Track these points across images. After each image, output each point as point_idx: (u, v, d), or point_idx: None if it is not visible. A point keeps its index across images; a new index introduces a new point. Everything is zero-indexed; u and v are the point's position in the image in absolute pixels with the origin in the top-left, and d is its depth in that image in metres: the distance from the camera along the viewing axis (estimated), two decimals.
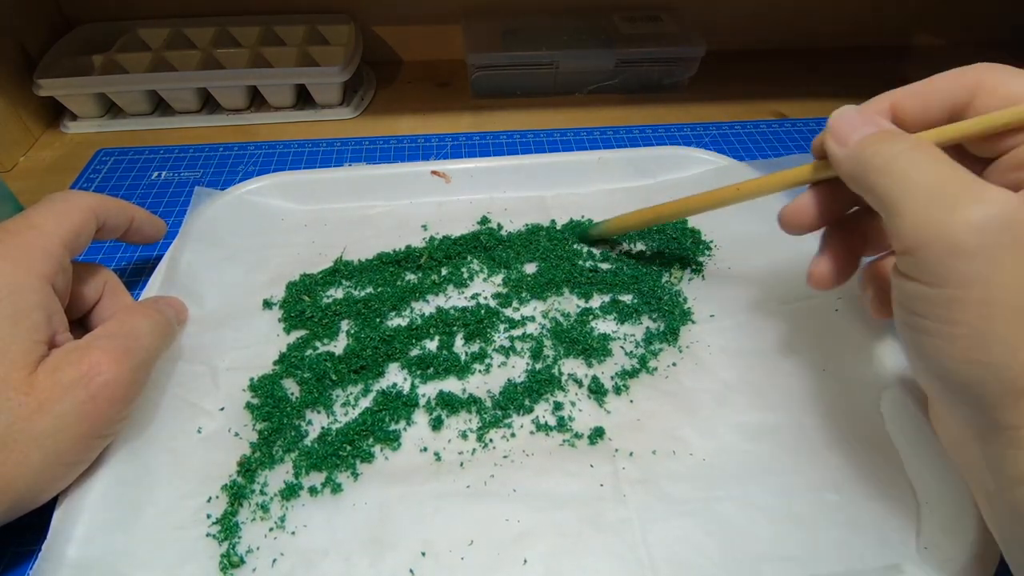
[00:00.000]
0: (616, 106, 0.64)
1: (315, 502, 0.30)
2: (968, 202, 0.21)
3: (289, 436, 0.33)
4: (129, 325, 0.31)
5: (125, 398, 0.29)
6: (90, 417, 0.27)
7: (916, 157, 0.23)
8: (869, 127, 0.26)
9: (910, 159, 0.23)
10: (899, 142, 0.24)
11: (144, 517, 0.29)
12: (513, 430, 0.33)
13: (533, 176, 0.48)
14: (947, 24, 0.73)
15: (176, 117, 0.60)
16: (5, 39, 0.54)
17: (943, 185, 0.22)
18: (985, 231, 0.20)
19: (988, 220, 0.20)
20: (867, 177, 0.24)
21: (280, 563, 0.28)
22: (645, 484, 0.31)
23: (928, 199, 0.22)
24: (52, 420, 0.26)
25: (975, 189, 0.21)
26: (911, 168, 0.23)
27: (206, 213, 0.44)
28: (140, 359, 0.30)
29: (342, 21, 0.64)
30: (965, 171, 0.22)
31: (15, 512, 0.27)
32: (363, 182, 0.48)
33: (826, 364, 0.36)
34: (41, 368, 0.27)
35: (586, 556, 0.28)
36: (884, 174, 0.24)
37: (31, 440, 0.26)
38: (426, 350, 0.37)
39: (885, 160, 0.24)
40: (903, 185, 0.23)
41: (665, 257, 0.43)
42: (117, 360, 0.28)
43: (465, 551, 0.28)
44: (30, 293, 0.28)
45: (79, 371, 0.27)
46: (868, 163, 0.24)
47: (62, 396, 0.27)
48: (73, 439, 0.27)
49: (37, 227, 0.31)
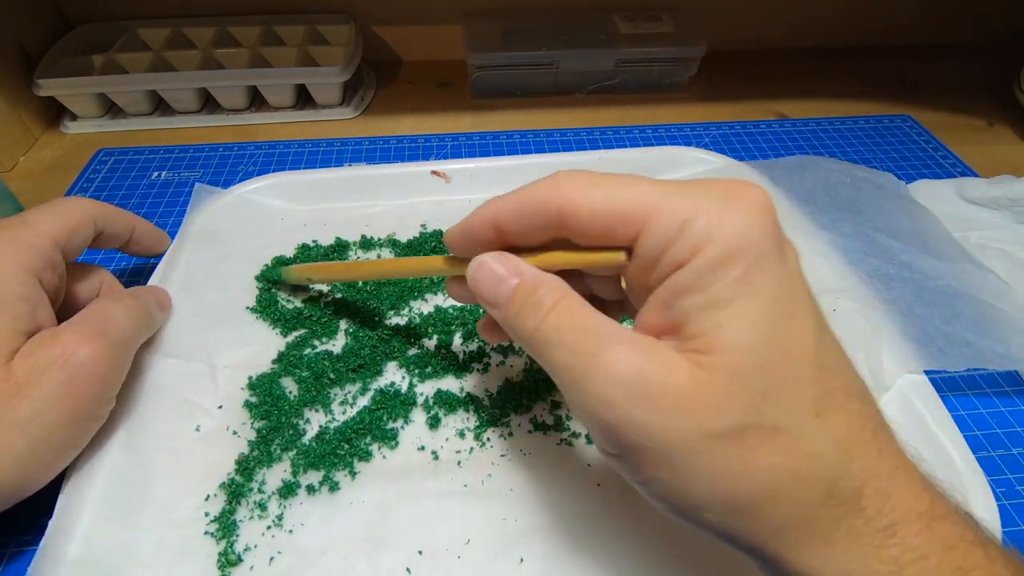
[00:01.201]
0: (616, 106, 0.64)
1: (313, 501, 0.30)
2: (593, 378, 0.20)
3: (287, 435, 0.33)
4: (101, 309, 0.31)
5: (104, 378, 0.29)
6: (71, 398, 0.27)
7: (550, 330, 0.22)
8: (510, 279, 0.23)
9: (549, 329, 0.22)
10: (537, 309, 0.22)
11: (143, 515, 0.29)
12: (511, 429, 0.33)
13: (533, 176, 0.47)
14: (947, 24, 0.73)
15: (176, 117, 0.60)
16: (5, 39, 0.55)
17: (573, 360, 0.21)
18: (613, 402, 0.19)
19: (611, 391, 0.19)
20: (529, 352, 0.23)
21: (278, 561, 0.28)
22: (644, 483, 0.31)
23: (568, 382, 0.21)
24: (32, 404, 0.26)
25: (598, 358, 0.20)
26: (548, 346, 0.22)
27: (206, 212, 0.44)
28: (115, 340, 0.30)
29: (342, 21, 0.64)
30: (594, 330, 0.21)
31: (6, 501, 0.27)
32: (363, 182, 0.48)
33: None
34: (17, 355, 0.27)
35: (583, 555, 0.28)
36: (536, 352, 0.22)
37: (13, 426, 0.26)
38: (424, 349, 0.37)
39: (530, 336, 0.22)
40: (549, 366, 0.22)
41: None
42: (90, 340, 0.29)
43: (462, 550, 0.28)
44: (14, 284, 0.28)
45: (53, 353, 0.27)
46: (520, 337, 0.23)
47: (40, 379, 0.27)
48: (56, 422, 0.27)
49: (30, 224, 0.31)
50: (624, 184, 0.21)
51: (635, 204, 0.21)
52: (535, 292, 0.23)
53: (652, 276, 0.21)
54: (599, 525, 0.29)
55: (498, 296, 0.24)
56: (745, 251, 0.19)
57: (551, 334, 0.21)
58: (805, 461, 0.19)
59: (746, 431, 0.19)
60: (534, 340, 0.22)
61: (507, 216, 0.24)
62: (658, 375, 0.19)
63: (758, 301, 0.19)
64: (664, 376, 0.19)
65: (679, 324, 0.20)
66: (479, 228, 0.25)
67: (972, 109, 0.63)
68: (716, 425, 0.19)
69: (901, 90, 0.67)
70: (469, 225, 0.25)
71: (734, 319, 0.19)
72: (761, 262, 0.19)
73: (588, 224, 0.22)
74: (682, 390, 0.19)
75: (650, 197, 0.21)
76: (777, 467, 0.19)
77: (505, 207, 0.24)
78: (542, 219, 0.23)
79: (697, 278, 0.20)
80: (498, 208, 0.24)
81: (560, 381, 0.22)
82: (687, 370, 0.19)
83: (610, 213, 0.21)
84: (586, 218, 0.22)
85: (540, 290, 0.23)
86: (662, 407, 0.19)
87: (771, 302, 0.19)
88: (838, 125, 0.60)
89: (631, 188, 0.21)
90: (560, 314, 0.22)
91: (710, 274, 0.19)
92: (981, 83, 0.67)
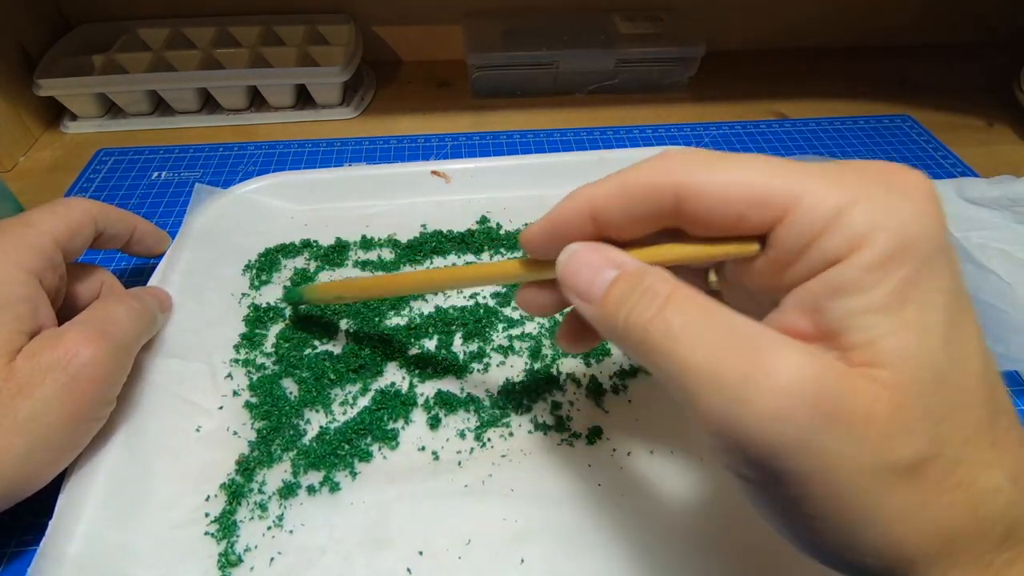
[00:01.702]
0: (616, 106, 0.63)
1: (313, 501, 0.30)
2: (759, 388, 0.16)
3: (287, 435, 0.33)
4: (104, 310, 0.31)
5: (106, 379, 0.29)
6: (72, 399, 0.27)
7: (675, 324, 0.18)
8: (607, 270, 0.20)
9: (670, 328, 0.18)
10: (650, 299, 0.19)
11: (143, 515, 0.29)
12: (511, 429, 0.33)
13: (533, 176, 0.48)
14: (947, 24, 0.73)
15: (176, 117, 0.60)
16: (5, 39, 0.54)
17: (721, 363, 0.17)
18: (790, 421, 0.16)
19: (788, 407, 0.16)
20: (634, 352, 0.19)
21: (278, 562, 0.28)
22: (643, 484, 0.31)
23: (712, 388, 0.17)
24: (34, 404, 0.26)
25: (761, 363, 0.16)
26: (678, 342, 0.17)
27: (206, 212, 0.44)
28: (118, 342, 0.30)
29: (342, 21, 0.64)
30: (741, 328, 0.17)
31: (7, 500, 0.27)
32: (363, 182, 0.48)
33: None
34: (19, 356, 0.27)
35: (584, 556, 0.28)
36: (649, 350, 0.18)
37: (14, 426, 0.26)
38: (425, 349, 0.37)
39: (641, 332, 0.18)
40: (674, 368, 0.17)
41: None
42: (93, 341, 0.28)
43: (463, 550, 0.28)
44: (16, 285, 0.28)
45: (56, 354, 0.27)
46: (626, 335, 0.19)
47: (42, 380, 0.27)
48: (57, 423, 0.27)
49: (31, 224, 0.31)
50: (752, 164, 0.18)
51: (773, 188, 0.18)
52: (642, 281, 0.19)
53: (791, 272, 0.18)
54: (600, 526, 0.29)
55: (592, 288, 0.20)
56: (915, 248, 0.16)
57: (678, 330, 0.18)
58: (984, 498, 0.17)
59: (927, 464, 0.16)
60: (647, 338, 0.18)
61: (608, 203, 0.21)
62: (845, 391, 0.16)
63: (931, 308, 0.17)
64: (850, 393, 0.16)
65: (835, 330, 0.17)
66: (571, 218, 0.22)
67: (972, 109, 0.63)
68: (900, 456, 0.16)
69: (901, 90, 0.67)
70: (558, 216, 0.22)
71: (907, 328, 0.16)
72: (932, 262, 0.17)
73: (714, 211, 0.19)
74: (867, 412, 0.16)
75: (792, 180, 0.18)
76: (957, 505, 0.16)
77: (605, 192, 0.21)
78: (653, 205, 0.20)
79: (860, 277, 0.17)
80: (596, 194, 0.21)
81: (689, 387, 0.17)
82: (868, 388, 0.16)
83: (742, 198, 0.18)
84: (712, 204, 0.18)
85: (647, 279, 0.19)
86: (849, 431, 0.16)
87: (943, 310, 0.17)
88: (838, 125, 0.60)
89: (764, 169, 0.18)
90: (685, 306, 0.18)
91: (876, 272, 0.16)
92: (981, 83, 0.67)
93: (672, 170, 0.19)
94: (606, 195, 0.21)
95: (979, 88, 0.66)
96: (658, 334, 0.18)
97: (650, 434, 0.33)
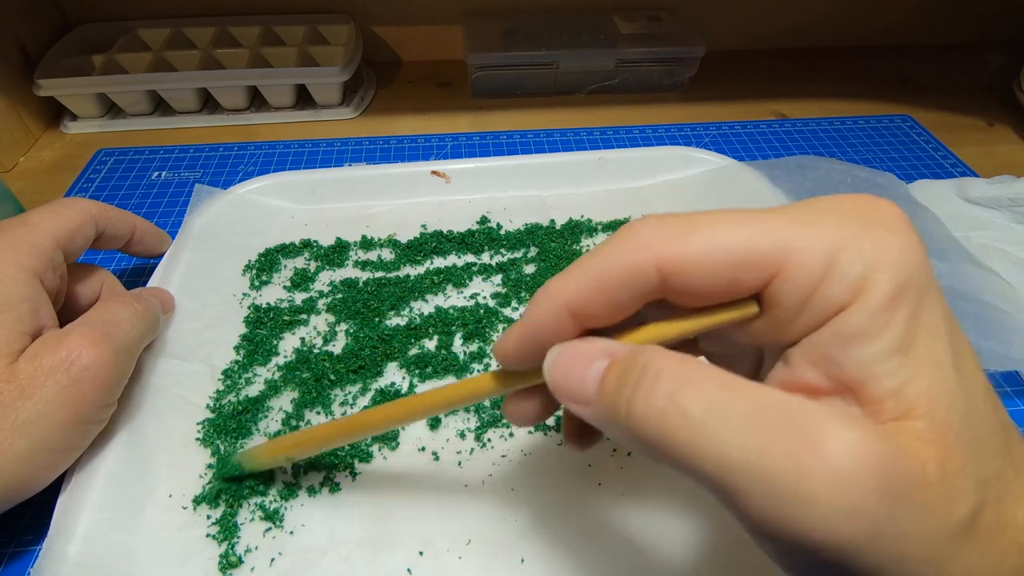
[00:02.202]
0: (616, 106, 0.63)
1: (313, 502, 0.30)
2: (820, 481, 0.14)
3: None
4: (107, 312, 0.31)
5: (108, 382, 0.29)
6: (74, 402, 0.27)
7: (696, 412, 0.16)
8: (598, 362, 0.18)
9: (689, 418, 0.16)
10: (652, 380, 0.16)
11: (143, 516, 0.29)
12: (512, 430, 0.33)
13: (533, 176, 0.48)
14: (947, 24, 0.73)
15: (176, 117, 0.60)
16: (5, 39, 0.54)
17: (766, 456, 0.15)
18: (863, 514, 0.14)
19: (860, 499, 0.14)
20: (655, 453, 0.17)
21: (278, 563, 0.28)
22: (643, 485, 0.31)
23: (762, 487, 0.15)
24: (35, 406, 0.26)
25: (813, 448, 0.15)
26: (702, 436, 0.15)
27: (206, 212, 0.44)
28: (120, 344, 0.30)
29: (342, 21, 0.64)
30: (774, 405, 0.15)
31: (6, 502, 0.27)
32: (363, 182, 0.48)
33: None
34: (22, 357, 0.27)
35: (584, 555, 0.28)
36: (670, 448, 0.16)
37: (15, 428, 0.26)
38: (425, 350, 0.37)
39: (655, 424, 0.16)
40: (709, 467, 0.15)
41: None
42: (95, 344, 0.28)
43: (463, 550, 0.28)
44: (17, 286, 0.28)
45: (58, 356, 0.27)
46: (635, 430, 0.17)
47: (44, 382, 0.27)
48: (58, 425, 0.27)
49: (31, 225, 0.31)
50: (730, 222, 0.17)
51: (760, 246, 0.17)
52: (635, 361, 0.17)
53: (794, 327, 0.17)
54: (600, 526, 0.29)
55: (585, 386, 0.18)
56: (912, 283, 0.16)
57: (700, 420, 0.15)
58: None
59: (980, 514, 0.15)
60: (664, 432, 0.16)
61: (585, 297, 0.19)
62: (900, 462, 0.15)
63: (937, 340, 0.16)
64: (904, 462, 0.15)
65: (855, 381, 0.16)
66: (548, 322, 0.19)
67: (972, 109, 0.63)
68: (960, 516, 0.15)
69: (901, 90, 0.67)
70: (533, 323, 0.20)
71: (924, 367, 0.16)
72: (927, 292, 0.16)
73: (701, 282, 0.17)
74: (922, 478, 0.15)
75: (776, 234, 0.17)
76: (1010, 548, 0.16)
77: (579, 287, 0.19)
78: (636, 288, 0.18)
79: (869, 322, 0.16)
80: (569, 292, 0.19)
81: (729, 487, 0.15)
82: (916, 450, 0.15)
83: (730, 263, 0.17)
84: (697, 274, 0.17)
85: (640, 357, 0.17)
86: (914, 508, 0.15)
87: (946, 337, 0.16)
88: (838, 125, 0.60)
89: (744, 226, 0.17)
90: (701, 388, 0.16)
91: (883, 315, 0.16)
92: (981, 83, 0.67)
93: (647, 246, 0.18)
94: (581, 290, 0.19)
95: (979, 88, 0.66)
96: (677, 427, 0.16)
97: None
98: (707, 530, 0.29)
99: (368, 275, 0.42)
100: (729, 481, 0.15)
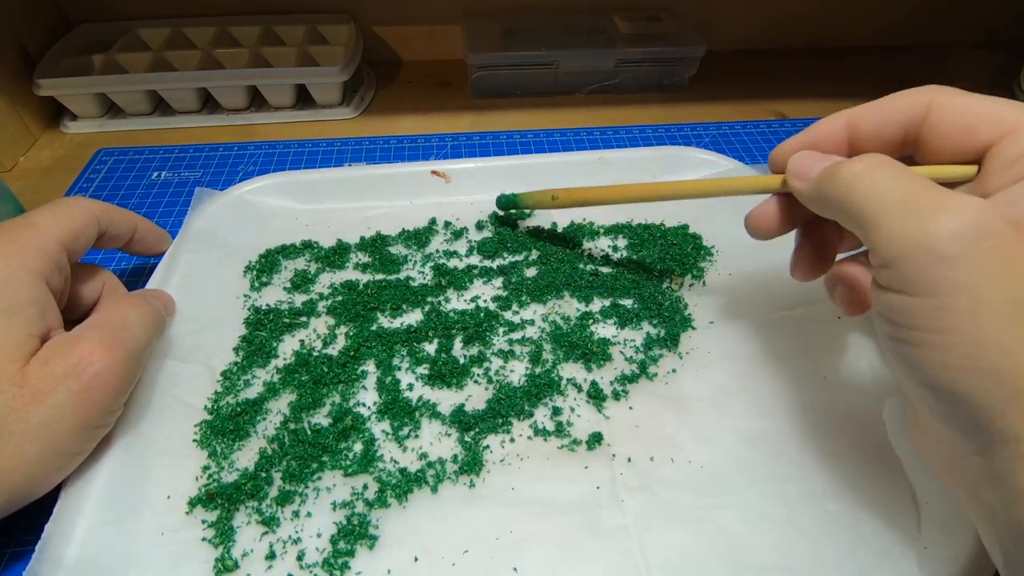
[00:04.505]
0: (616, 106, 0.63)
1: (310, 507, 0.30)
2: (944, 211, 0.21)
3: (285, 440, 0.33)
4: (118, 315, 0.31)
5: (118, 387, 0.29)
6: (85, 407, 0.27)
7: (880, 174, 0.24)
8: (827, 161, 0.27)
9: (874, 176, 0.24)
10: (858, 163, 0.25)
11: (140, 519, 0.29)
12: (511, 435, 0.33)
13: (533, 176, 0.48)
14: (947, 24, 0.73)
15: (176, 117, 0.60)
16: (5, 39, 0.54)
17: (914, 197, 0.22)
18: (965, 238, 0.20)
19: (967, 227, 0.21)
20: (836, 200, 0.25)
21: (274, 567, 0.28)
22: (643, 491, 0.31)
23: (902, 212, 0.22)
24: (47, 411, 0.26)
25: (947, 199, 0.21)
26: (878, 184, 0.23)
27: (206, 213, 0.44)
28: (131, 348, 0.30)
29: (342, 21, 0.64)
30: (929, 182, 0.23)
31: (13, 505, 0.27)
32: (363, 182, 0.48)
33: (827, 371, 0.36)
34: (33, 360, 0.27)
35: (582, 562, 0.28)
36: (852, 194, 0.24)
37: (26, 432, 0.26)
38: (425, 353, 0.37)
39: (848, 181, 0.24)
40: (873, 201, 0.23)
41: (666, 262, 0.43)
42: (108, 350, 0.28)
43: (459, 556, 0.28)
44: (25, 288, 0.28)
45: (70, 361, 0.27)
46: (834, 188, 0.25)
47: (55, 387, 0.27)
48: (69, 429, 0.27)
49: (35, 226, 0.31)
50: (990, 98, 0.25)
51: (1005, 112, 0.25)
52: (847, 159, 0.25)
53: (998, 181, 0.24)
54: (598, 531, 0.29)
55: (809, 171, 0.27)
56: None
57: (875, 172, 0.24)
58: None
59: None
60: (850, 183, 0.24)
61: (865, 111, 0.27)
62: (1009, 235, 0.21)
63: None
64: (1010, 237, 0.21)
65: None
66: (828, 132, 0.28)
67: None
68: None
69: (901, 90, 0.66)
70: (815, 129, 0.28)
71: None
72: None
73: (955, 123, 0.25)
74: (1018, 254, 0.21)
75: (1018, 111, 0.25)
76: None
77: (865, 106, 0.27)
78: (905, 116, 0.26)
79: None
80: (854, 109, 0.27)
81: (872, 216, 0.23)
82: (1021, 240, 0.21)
83: (979, 113, 0.25)
84: (955, 116, 0.25)
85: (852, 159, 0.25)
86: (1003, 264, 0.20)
87: None
88: None
89: (998, 102, 0.25)
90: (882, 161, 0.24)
91: None
92: (981, 83, 0.67)
93: (928, 90, 0.26)
94: (863, 109, 0.27)
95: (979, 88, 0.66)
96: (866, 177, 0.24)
97: (650, 440, 0.33)
98: (706, 539, 0.29)
99: (368, 277, 0.42)
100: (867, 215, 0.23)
